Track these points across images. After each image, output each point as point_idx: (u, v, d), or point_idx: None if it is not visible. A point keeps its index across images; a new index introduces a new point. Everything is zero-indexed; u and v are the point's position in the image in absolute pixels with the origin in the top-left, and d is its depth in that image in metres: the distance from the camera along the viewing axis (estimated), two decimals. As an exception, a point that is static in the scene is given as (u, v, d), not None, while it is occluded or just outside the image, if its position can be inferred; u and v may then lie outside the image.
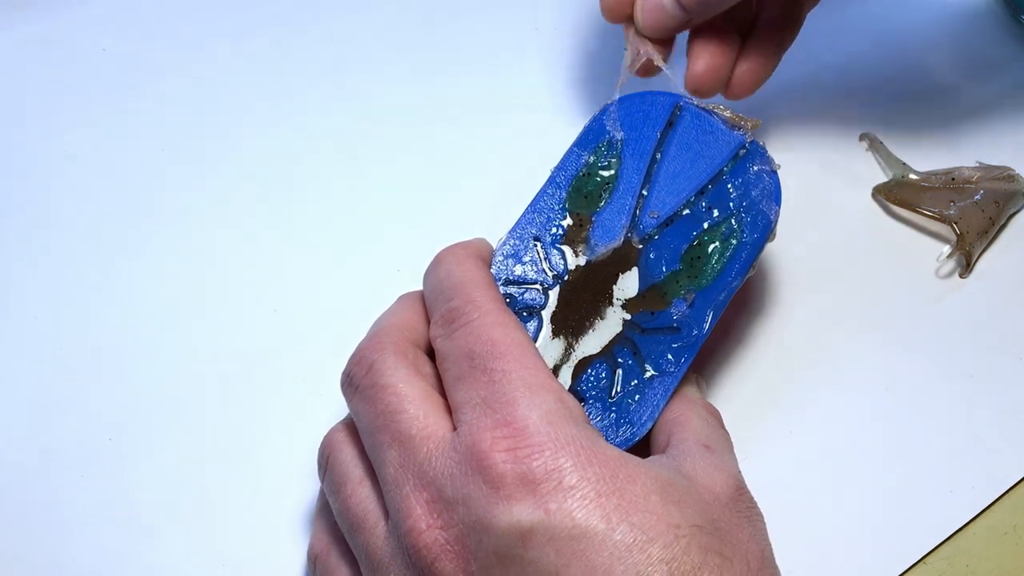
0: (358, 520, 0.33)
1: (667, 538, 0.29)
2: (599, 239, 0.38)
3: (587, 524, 0.29)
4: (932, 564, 0.38)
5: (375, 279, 0.44)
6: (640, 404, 0.35)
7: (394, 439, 0.32)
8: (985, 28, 0.52)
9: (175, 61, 0.51)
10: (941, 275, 0.44)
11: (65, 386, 0.41)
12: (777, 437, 0.40)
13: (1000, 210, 0.45)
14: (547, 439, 0.30)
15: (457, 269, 0.35)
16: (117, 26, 0.52)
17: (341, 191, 0.47)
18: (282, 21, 0.52)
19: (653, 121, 0.39)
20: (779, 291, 0.44)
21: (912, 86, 0.50)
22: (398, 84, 0.50)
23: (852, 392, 0.41)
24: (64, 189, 0.47)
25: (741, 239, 0.37)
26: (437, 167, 0.47)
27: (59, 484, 0.39)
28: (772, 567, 0.31)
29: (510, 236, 0.38)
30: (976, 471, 0.39)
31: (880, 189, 0.46)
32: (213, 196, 0.46)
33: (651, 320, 0.37)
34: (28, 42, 0.51)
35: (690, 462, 0.33)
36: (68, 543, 0.38)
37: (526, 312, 0.37)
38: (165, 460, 0.40)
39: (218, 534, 0.38)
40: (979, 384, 0.41)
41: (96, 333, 0.43)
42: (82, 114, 0.49)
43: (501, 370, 0.32)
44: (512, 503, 0.29)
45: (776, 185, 0.38)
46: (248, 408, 0.41)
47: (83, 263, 0.44)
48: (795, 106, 0.49)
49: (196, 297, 0.44)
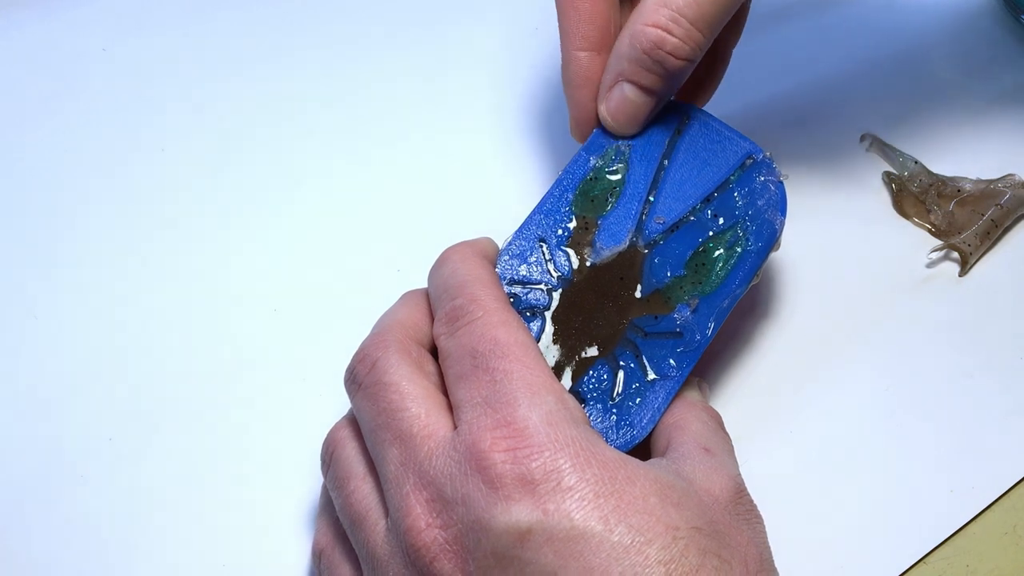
0: (359, 517, 0.33)
1: (665, 540, 0.29)
2: (604, 242, 0.38)
3: (585, 525, 0.29)
4: (932, 564, 0.38)
5: (375, 279, 0.44)
6: (641, 407, 0.35)
7: (396, 437, 0.32)
8: (985, 28, 0.52)
9: (175, 61, 0.51)
10: (936, 272, 0.44)
11: (65, 386, 0.41)
12: (777, 437, 0.40)
13: (1006, 214, 0.45)
14: (547, 440, 0.30)
15: (462, 267, 0.36)
16: (117, 26, 0.52)
17: (342, 191, 0.47)
18: (282, 20, 0.52)
19: (662, 129, 0.40)
20: (779, 291, 0.44)
21: (912, 86, 0.50)
22: (400, 84, 0.50)
23: (852, 393, 0.41)
24: (64, 189, 0.47)
25: (746, 247, 0.37)
26: (441, 167, 0.47)
27: (59, 484, 0.39)
28: (770, 569, 0.31)
29: (516, 237, 0.38)
30: (976, 471, 0.40)
31: (892, 179, 0.46)
32: (213, 196, 0.46)
33: (654, 324, 0.37)
34: (28, 42, 0.51)
35: (689, 465, 0.33)
36: (68, 543, 0.38)
37: (530, 312, 0.37)
38: (165, 460, 0.40)
39: (220, 533, 0.38)
40: (979, 384, 0.41)
41: (96, 333, 0.43)
42: (82, 114, 0.49)
43: (503, 370, 0.32)
44: (511, 503, 0.29)
45: (782, 196, 0.38)
46: (248, 407, 0.41)
47: (83, 263, 0.44)
48: (795, 106, 0.49)
49: (196, 297, 0.44)
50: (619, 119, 0.39)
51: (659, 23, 0.37)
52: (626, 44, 0.38)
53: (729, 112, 0.41)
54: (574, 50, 0.40)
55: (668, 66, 0.38)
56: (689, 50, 0.38)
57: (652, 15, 0.37)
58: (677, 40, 0.37)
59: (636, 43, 0.38)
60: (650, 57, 0.38)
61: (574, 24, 0.40)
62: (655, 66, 0.38)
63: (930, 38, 0.52)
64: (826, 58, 0.50)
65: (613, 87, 0.39)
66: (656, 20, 0.37)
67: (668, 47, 0.37)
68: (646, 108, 0.39)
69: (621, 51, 0.38)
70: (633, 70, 0.38)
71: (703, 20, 0.37)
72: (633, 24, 0.38)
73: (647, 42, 0.37)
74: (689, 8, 0.37)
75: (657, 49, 0.37)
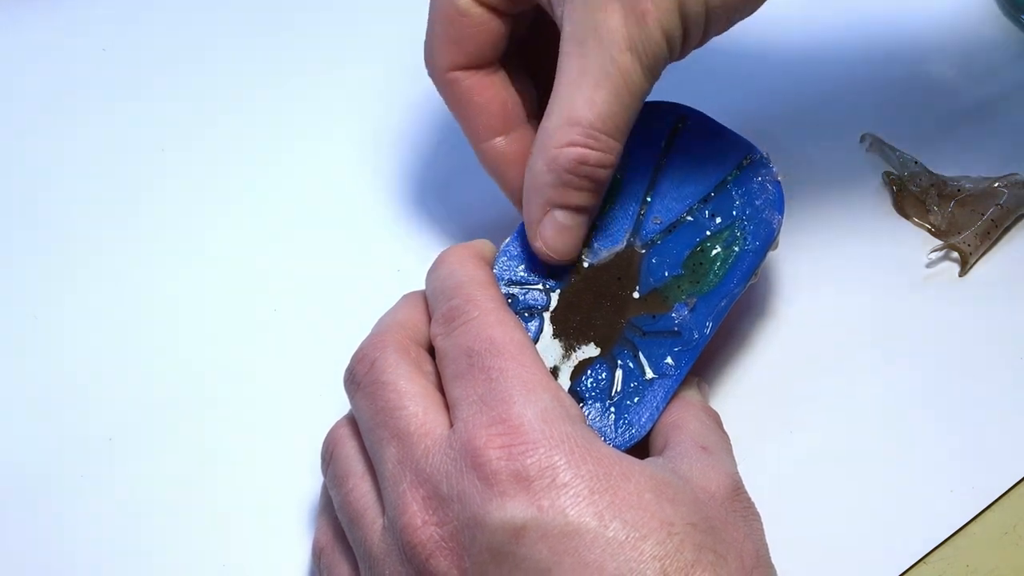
0: (357, 515, 0.33)
1: (660, 535, 0.29)
2: (602, 243, 0.38)
3: (579, 521, 0.29)
4: (932, 564, 0.38)
5: (375, 279, 0.44)
6: (640, 405, 0.35)
7: (393, 435, 0.32)
8: (985, 28, 0.52)
9: (175, 61, 0.51)
10: (936, 272, 0.44)
11: (65, 386, 0.41)
12: (776, 437, 0.40)
13: (1006, 214, 0.45)
14: (541, 437, 0.30)
15: (459, 269, 0.36)
16: (117, 26, 0.52)
17: (343, 191, 0.47)
18: (282, 21, 0.52)
19: (658, 130, 0.40)
20: (779, 291, 0.44)
21: (912, 86, 0.50)
22: (400, 84, 0.50)
23: (852, 392, 0.41)
24: (64, 189, 0.47)
25: (744, 247, 0.37)
26: (440, 168, 0.47)
27: (59, 484, 0.39)
28: (767, 566, 0.31)
29: (514, 238, 0.38)
30: (976, 471, 0.39)
31: (892, 179, 0.46)
32: (213, 196, 0.46)
33: (652, 323, 0.37)
34: (28, 42, 0.51)
35: (686, 463, 0.33)
36: (68, 543, 0.38)
37: (528, 312, 0.37)
38: (165, 460, 0.40)
39: (220, 533, 0.38)
40: (979, 384, 0.41)
41: (96, 333, 0.43)
42: (82, 114, 0.49)
43: (498, 368, 0.32)
44: (505, 500, 0.29)
45: (779, 195, 0.38)
46: (248, 407, 0.41)
47: (83, 263, 0.44)
48: (795, 107, 0.49)
49: (196, 297, 0.44)
50: (558, 248, 0.37)
51: (575, 141, 0.35)
52: (544, 171, 0.36)
53: (729, 111, 0.41)
54: (483, 143, 0.39)
55: (597, 178, 0.36)
56: (612, 159, 0.36)
57: (564, 135, 0.35)
58: (599, 154, 0.35)
59: (557, 166, 0.35)
60: (576, 176, 0.36)
61: (472, 119, 0.39)
62: (584, 183, 0.36)
63: (930, 38, 0.52)
64: (826, 58, 0.50)
65: (544, 219, 0.37)
66: (571, 139, 0.35)
67: (592, 161, 0.36)
68: (583, 228, 0.37)
69: (540, 179, 0.36)
70: (561, 194, 0.36)
71: (616, 129, 0.35)
72: (546, 149, 0.36)
73: (569, 162, 0.35)
74: (601, 121, 0.35)
75: (581, 166, 0.35)
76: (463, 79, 0.39)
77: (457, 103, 0.39)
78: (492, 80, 0.39)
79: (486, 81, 0.39)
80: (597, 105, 0.35)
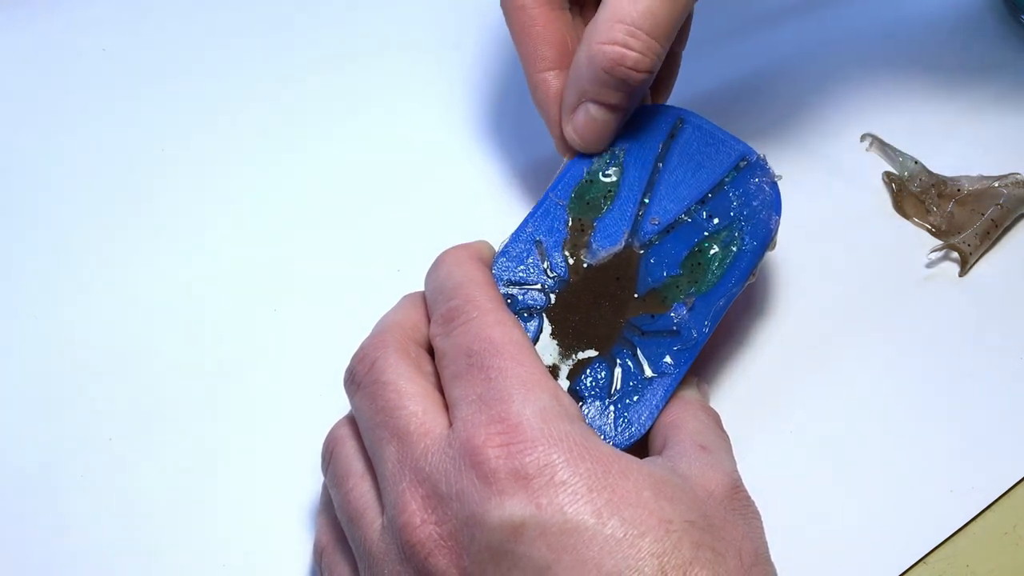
0: (356, 514, 0.33)
1: (658, 532, 0.29)
2: (600, 244, 0.38)
3: (577, 519, 0.29)
4: (932, 564, 0.38)
5: (375, 279, 0.44)
6: (639, 404, 0.35)
7: (393, 435, 0.32)
8: (985, 28, 0.52)
9: (175, 61, 0.51)
10: (936, 272, 0.44)
11: (65, 386, 0.41)
12: (777, 437, 0.40)
13: (1006, 214, 0.45)
14: (540, 435, 0.30)
15: (458, 270, 0.36)
16: (117, 26, 0.52)
17: (343, 191, 0.47)
18: (283, 21, 0.52)
19: (655, 132, 0.40)
20: (779, 290, 0.44)
21: (912, 86, 0.50)
22: (400, 84, 0.50)
23: (852, 392, 0.41)
24: (64, 189, 0.47)
25: (741, 247, 0.38)
26: (439, 168, 0.47)
27: (59, 484, 0.39)
28: (766, 563, 0.31)
29: (513, 238, 0.38)
30: (976, 471, 0.39)
31: (892, 179, 0.46)
32: (213, 196, 0.46)
33: (651, 323, 0.37)
34: (28, 42, 0.51)
35: (685, 462, 0.33)
36: (68, 543, 0.38)
37: (527, 313, 0.37)
38: (165, 460, 0.40)
39: (220, 533, 0.38)
40: (979, 384, 0.41)
41: (96, 333, 0.43)
42: (82, 114, 0.49)
43: (497, 367, 0.32)
44: (504, 498, 0.29)
45: (776, 196, 0.38)
46: (249, 407, 0.41)
47: (83, 263, 0.45)
48: (795, 107, 0.49)
49: (196, 297, 0.44)
50: (586, 138, 0.39)
51: (616, 39, 0.37)
52: (584, 64, 0.38)
53: (729, 111, 0.41)
54: (537, 73, 0.40)
55: (631, 81, 0.38)
56: (649, 62, 0.38)
57: (608, 32, 0.37)
58: (637, 54, 0.37)
59: (595, 63, 0.37)
60: (612, 75, 0.37)
61: (531, 47, 0.40)
62: (618, 84, 0.38)
63: (930, 38, 0.52)
64: (825, 58, 0.50)
65: (577, 108, 0.39)
66: (613, 37, 0.37)
67: (629, 63, 0.37)
68: (612, 125, 0.39)
69: (580, 72, 0.38)
70: (596, 90, 0.38)
71: (659, 30, 0.37)
72: (589, 43, 0.38)
73: (607, 61, 0.37)
74: (644, 20, 0.37)
75: (618, 66, 0.37)
76: (531, 7, 0.40)
77: (520, 29, 0.41)
78: (557, 15, 0.40)
79: (551, 15, 0.40)
80: (643, 3, 0.36)
